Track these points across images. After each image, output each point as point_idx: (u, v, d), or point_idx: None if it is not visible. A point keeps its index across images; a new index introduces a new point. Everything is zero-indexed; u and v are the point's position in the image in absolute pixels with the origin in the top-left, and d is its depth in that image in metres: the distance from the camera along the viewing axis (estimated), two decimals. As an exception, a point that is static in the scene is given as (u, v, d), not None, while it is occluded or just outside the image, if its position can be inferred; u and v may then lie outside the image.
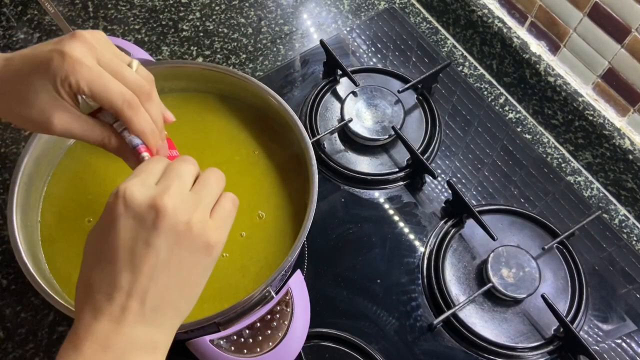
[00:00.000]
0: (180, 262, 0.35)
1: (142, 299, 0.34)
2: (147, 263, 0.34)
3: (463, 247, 0.67)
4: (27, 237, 0.52)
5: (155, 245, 0.34)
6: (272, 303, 0.52)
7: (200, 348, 0.51)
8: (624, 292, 0.65)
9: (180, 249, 0.35)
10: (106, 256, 0.34)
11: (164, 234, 0.34)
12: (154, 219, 0.34)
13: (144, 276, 0.34)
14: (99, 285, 0.34)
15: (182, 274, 0.36)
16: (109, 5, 0.86)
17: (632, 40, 0.63)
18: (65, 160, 0.60)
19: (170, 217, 0.34)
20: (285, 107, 0.59)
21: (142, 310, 0.34)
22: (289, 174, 0.60)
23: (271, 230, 0.57)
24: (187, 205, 0.35)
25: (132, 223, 0.34)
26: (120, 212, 0.34)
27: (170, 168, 0.37)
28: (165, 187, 0.35)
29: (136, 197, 0.34)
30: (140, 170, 0.37)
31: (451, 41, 0.86)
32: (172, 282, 0.35)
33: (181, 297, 0.36)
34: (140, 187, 0.35)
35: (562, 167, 0.75)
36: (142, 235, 0.34)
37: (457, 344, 0.62)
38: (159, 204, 0.34)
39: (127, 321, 0.34)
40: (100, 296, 0.34)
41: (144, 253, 0.34)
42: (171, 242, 0.34)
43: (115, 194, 0.35)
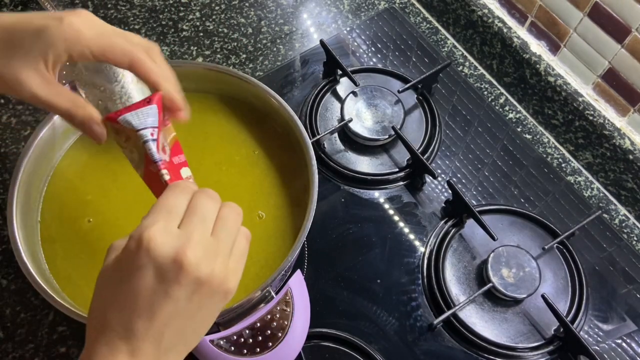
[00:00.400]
0: (199, 308, 0.36)
1: (157, 343, 0.35)
2: (165, 311, 0.34)
3: (463, 247, 0.67)
4: (27, 237, 0.52)
5: (175, 297, 0.34)
6: (272, 303, 0.52)
7: (200, 348, 0.51)
8: (624, 292, 0.65)
9: (199, 296, 0.35)
10: (124, 301, 0.34)
11: (184, 287, 0.34)
12: (177, 272, 0.34)
13: (161, 323, 0.34)
14: (116, 326, 0.34)
15: (198, 317, 0.36)
16: (109, 5, 0.86)
17: (632, 40, 0.63)
18: (65, 160, 0.60)
19: (193, 271, 0.34)
20: (285, 107, 0.59)
21: (156, 351, 0.35)
22: (289, 174, 0.60)
23: (271, 230, 0.57)
24: (209, 256, 0.35)
25: (153, 274, 0.34)
26: (142, 263, 0.33)
27: (194, 207, 0.36)
28: (189, 236, 0.35)
29: (160, 250, 0.33)
30: (162, 209, 0.36)
31: (451, 41, 0.86)
32: (187, 325, 0.36)
33: (194, 335, 0.37)
34: (164, 236, 0.34)
35: (562, 167, 0.75)
36: (162, 287, 0.34)
37: (457, 344, 0.62)
38: (182, 259, 0.34)
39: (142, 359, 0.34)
40: (116, 335, 0.34)
41: (163, 303, 0.34)
42: (191, 292, 0.34)
43: (138, 241, 0.34)
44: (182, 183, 0.39)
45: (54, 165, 0.59)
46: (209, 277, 0.35)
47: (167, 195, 0.37)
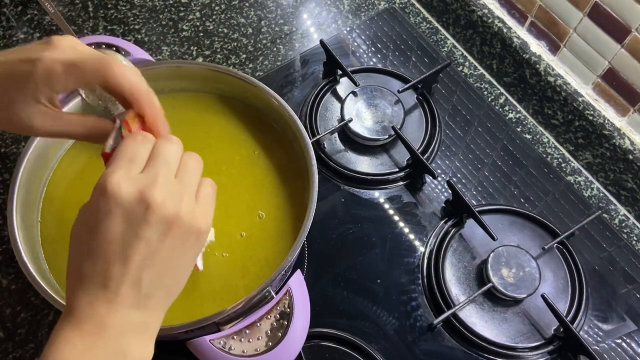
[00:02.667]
0: (172, 250, 0.36)
1: (135, 286, 0.35)
2: (139, 254, 0.34)
3: (463, 247, 0.67)
4: (27, 237, 0.52)
5: (145, 237, 0.34)
6: (272, 303, 0.52)
7: (200, 348, 0.51)
8: (624, 292, 0.65)
9: (171, 238, 0.35)
10: (96, 250, 0.34)
11: (154, 226, 0.34)
12: (144, 212, 0.34)
13: (136, 266, 0.35)
14: (92, 276, 0.34)
15: (174, 261, 0.36)
16: (109, 5, 0.86)
17: (632, 40, 0.63)
18: (65, 160, 0.60)
19: (160, 209, 0.34)
20: (285, 107, 0.59)
21: (136, 295, 0.35)
22: (289, 174, 0.60)
23: (271, 230, 0.57)
24: (174, 196, 0.35)
25: (121, 218, 0.34)
26: (108, 208, 0.34)
27: (156, 153, 0.37)
28: (153, 178, 0.35)
29: (124, 193, 0.34)
30: (124, 155, 0.36)
31: (451, 41, 0.86)
32: (164, 269, 0.36)
33: (173, 281, 0.37)
34: (126, 180, 0.34)
35: (562, 167, 0.75)
36: (132, 229, 0.34)
37: (457, 344, 0.62)
38: (148, 198, 0.34)
39: (121, 306, 0.35)
40: (93, 284, 0.34)
41: (135, 245, 0.34)
42: (162, 232, 0.35)
43: (101, 189, 0.34)
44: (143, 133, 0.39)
45: (54, 165, 0.59)
46: (177, 216, 0.35)
47: (128, 144, 0.37)
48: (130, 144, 0.37)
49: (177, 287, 0.38)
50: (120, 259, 0.34)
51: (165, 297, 0.37)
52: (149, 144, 0.38)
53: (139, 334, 0.36)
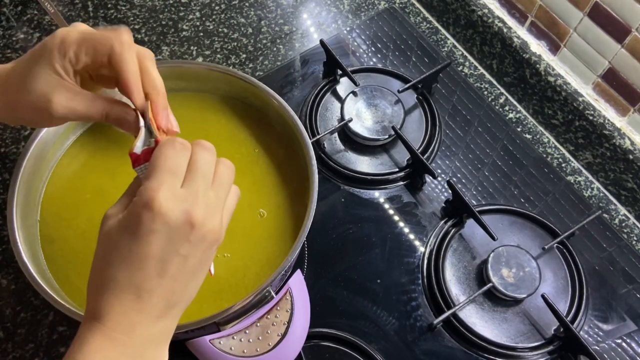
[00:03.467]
0: (201, 262, 0.37)
1: (167, 299, 0.36)
2: (175, 269, 0.36)
3: (463, 247, 0.67)
4: (27, 237, 0.52)
5: (184, 254, 0.36)
6: (272, 303, 0.52)
7: (200, 348, 0.51)
8: (624, 292, 0.65)
9: (202, 252, 0.37)
10: (135, 263, 0.35)
11: (193, 244, 0.36)
12: (188, 233, 0.35)
13: (171, 280, 0.36)
14: (127, 286, 0.35)
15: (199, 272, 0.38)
16: (109, 5, 0.86)
17: (632, 40, 0.63)
18: (64, 159, 0.60)
19: (201, 229, 0.36)
20: (285, 107, 0.59)
21: (165, 306, 0.36)
22: (289, 173, 0.60)
23: (272, 229, 0.57)
24: (211, 212, 0.37)
25: (165, 237, 0.35)
26: (154, 226, 0.34)
27: (195, 164, 0.37)
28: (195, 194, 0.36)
29: (170, 212, 0.34)
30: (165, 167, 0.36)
31: (451, 41, 0.86)
32: (191, 279, 0.37)
33: (194, 290, 0.39)
34: (173, 198, 0.35)
35: (562, 167, 0.75)
36: (173, 247, 0.35)
37: (457, 344, 0.62)
38: (193, 220, 0.35)
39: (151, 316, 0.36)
40: (127, 295, 0.35)
41: (173, 261, 0.36)
42: (197, 249, 0.36)
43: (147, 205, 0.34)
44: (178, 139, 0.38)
45: (53, 165, 0.59)
46: (212, 232, 0.37)
47: (167, 155, 0.37)
48: (170, 154, 0.37)
49: (195, 293, 0.39)
50: (157, 273, 0.35)
51: (185, 305, 0.39)
52: (187, 152, 0.38)
53: (159, 343, 0.37)
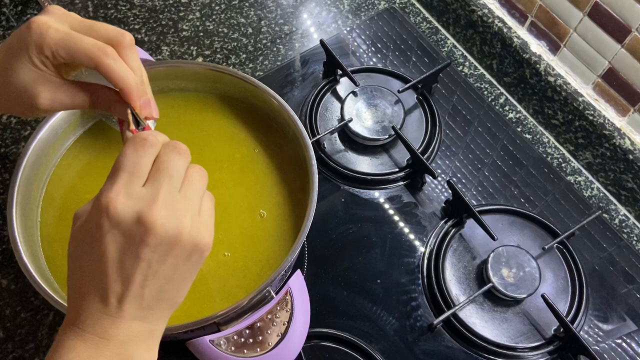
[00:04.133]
0: (174, 268, 0.35)
1: (137, 303, 0.35)
2: (139, 274, 0.34)
3: (463, 247, 0.67)
4: (27, 237, 0.52)
5: (145, 259, 0.34)
6: (272, 303, 0.52)
7: (200, 348, 0.51)
8: (624, 292, 0.65)
9: (173, 258, 0.35)
10: (97, 269, 0.34)
11: (154, 248, 0.33)
12: (142, 235, 0.33)
13: (137, 285, 0.34)
14: (93, 292, 0.34)
15: (177, 276, 0.36)
16: (108, 5, 0.86)
17: (632, 40, 0.63)
18: (64, 160, 0.60)
19: (159, 231, 0.33)
20: (285, 107, 0.59)
21: (138, 310, 0.35)
22: (289, 173, 0.60)
23: (272, 229, 0.57)
24: (176, 214, 0.34)
25: (119, 239, 0.33)
26: (105, 229, 0.33)
27: (160, 164, 0.35)
28: (153, 195, 0.33)
29: (121, 214, 0.33)
30: (124, 167, 0.34)
31: (451, 41, 0.86)
32: (166, 284, 0.35)
33: (176, 294, 0.37)
34: (125, 200, 0.33)
35: (562, 167, 0.75)
36: (131, 251, 0.33)
37: (457, 344, 0.62)
38: (146, 220, 0.33)
39: (125, 319, 0.35)
40: (94, 300, 0.34)
41: (135, 265, 0.34)
42: (162, 253, 0.34)
43: (98, 208, 0.33)
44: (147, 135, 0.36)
45: (53, 165, 0.59)
46: (178, 236, 0.34)
47: (126, 154, 0.35)
48: (129, 153, 0.35)
49: (180, 297, 0.38)
50: (120, 278, 0.34)
51: (168, 307, 0.37)
52: (153, 150, 0.35)
53: (143, 340, 0.36)
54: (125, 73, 0.40)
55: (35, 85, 0.40)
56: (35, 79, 0.40)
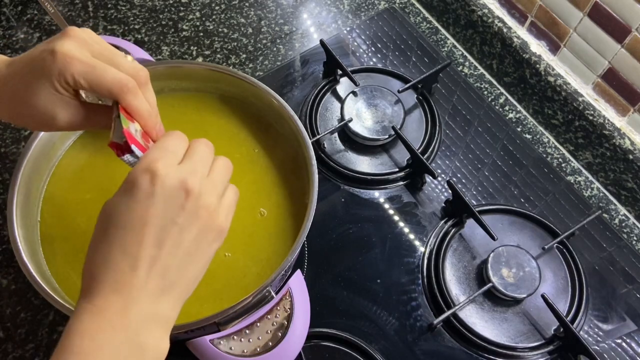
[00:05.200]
0: (197, 243, 0.37)
1: (163, 274, 0.36)
2: (172, 240, 0.36)
3: (463, 247, 0.67)
4: (27, 237, 0.52)
5: (180, 224, 0.36)
6: (272, 303, 0.52)
7: (200, 348, 0.51)
8: (624, 292, 0.65)
9: (199, 231, 0.37)
10: (133, 228, 0.35)
11: (189, 215, 0.36)
12: (183, 200, 0.36)
13: (167, 252, 0.36)
14: (122, 255, 0.35)
15: (197, 254, 0.38)
16: (108, 5, 0.86)
17: (632, 40, 0.63)
18: (64, 159, 0.60)
19: (196, 200, 0.36)
20: (285, 107, 0.59)
21: (161, 284, 0.36)
22: (289, 172, 0.60)
23: (272, 228, 0.57)
24: (208, 190, 0.38)
25: (163, 201, 0.35)
26: (151, 190, 0.35)
27: (193, 150, 0.39)
28: (193, 169, 0.37)
29: (169, 177, 0.36)
30: (164, 147, 0.38)
31: (451, 41, 0.86)
32: (187, 259, 0.37)
33: (193, 275, 0.38)
34: (170, 166, 0.36)
35: (562, 167, 0.75)
36: (169, 214, 0.36)
37: (457, 343, 0.62)
38: (189, 187, 0.36)
39: (146, 293, 0.35)
40: (122, 266, 0.35)
41: (169, 230, 0.36)
42: (193, 223, 0.37)
43: (147, 170, 0.36)
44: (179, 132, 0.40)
45: (53, 165, 0.59)
46: (208, 208, 0.37)
47: (166, 138, 0.39)
48: (169, 139, 0.39)
49: (195, 281, 0.39)
50: (154, 242, 0.35)
51: (185, 290, 0.38)
52: (186, 142, 0.40)
53: (157, 326, 0.36)
54: (143, 109, 0.43)
55: (54, 107, 0.41)
56: (54, 101, 0.41)
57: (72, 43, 0.40)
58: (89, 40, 0.41)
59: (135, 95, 0.42)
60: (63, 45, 0.39)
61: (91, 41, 0.41)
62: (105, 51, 0.42)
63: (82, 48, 0.40)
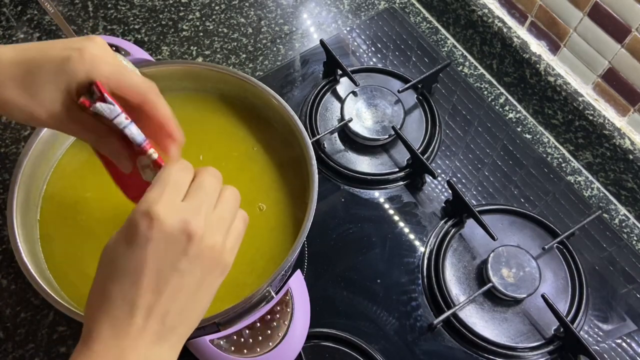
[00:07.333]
0: (200, 284, 0.36)
1: (161, 320, 0.35)
2: (171, 285, 0.34)
3: (463, 247, 0.67)
4: (27, 237, 0.52)
5: (181, 270, 0.34)
6: (272, 303, 0.52)
7: (200, 348, 0.51)
8: (624, 292, 0.65)
9: (201, 271, 0.36)
10: (130, 275, 0.34)
11: (192, 259, 0.35)
12: (185, 245, 0.34)
13: (167, 298, 0.34)
14: (120, 302, 0.34)
15: (199, 295, 0.36)
16: (108, 5, 0.86)
17: (632, 40, 0.63)
18: (64, 158, 0.60)
19: (200, 243, 0.35)
20: (285, 107, 0.59)
21: (160, 330, 0.35)
22: (288, 172, 0.60)
23: (273, 222, 0.57)
24: (213, 229, 0.36)
25: (162, 247, 0.34)
26: (150, 234, 0.33)
27: (198, 184, 0.37)
28: (196, 209, 0.35)
29: (169, 222, 0.34)
30: (166, 183, 0.36)
31: (451, 41, 0.86)
32: (189, 302, 0.36)
33: (195, 316, 0.37)
34: (171, 209, 0.34)
35: (562, 167, 0.75)
36: (170, 259, 0.34)
37: (457, 344, 0.62)
38: (191, 230, 0.34)
39: (144, 341, 0.34)
40: (120, 313, 0.34)
41: (169, 276, 0.34)
42: (196, 266, 0.35)
43: (146, 215, 0.34)
44: (184, 161, 0.39)
45: (54, 165, 0.59)
46: (212, 249, 0.35)
47: (171, 170, 0.37)
48: (174, 171, 0.37)
49: (197, 320, 0.38)
50: (152, 288, 0.34)
51: (186, 332, 0.37)
52: (191, 173, 0.38)
53: None
54: (166, 109, 0.43)
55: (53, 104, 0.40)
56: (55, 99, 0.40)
57: (99, 47, 0.40)
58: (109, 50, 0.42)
59: (159, 96, 0.42)
60: (92, 48, 0.39)
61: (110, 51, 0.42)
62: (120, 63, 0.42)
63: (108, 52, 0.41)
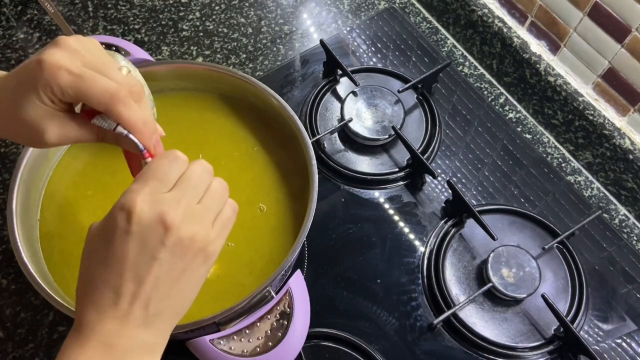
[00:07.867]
0: (182, 272, 0.36)
1: (145, 306, 0.35)
2: (152, 274, 0.35)
3: (463, 247, 0.67)
4: (26, 237, 0.52)
5: (160, 259, 0.35)
6: (272, 303, 0.52)
7: (200, 348, 0.51)
8: (624, 292, 0.65)
9: (182, 261, 0.36)
10: (111, 265, 0.35)
11: (169, 249, 0.35)
12: (162, 235, 0.35)
13: (148, 286, 0.35)
14: (104, 290, 0.35)
15: (182, 282, 0.37)
16: (108, 5, 0.86)
17: (632, 40, 0.63)
18: (64, 158, 0.60)
19: (176, 233, 0.35)
20: (285, 106, 0.59)
21: (144, 315, 0.35)
22: (288, 172, 0.60)
23: (273, 223, 0.57)
24: (193, 219, 0.36)
25: (138, 238, 0.34)
26: (127, 227, 0.34)
27: (186, 176, 0.37)
28: (177, 199, 0.35)
29: (145, 215, 0.34)
30: (154, 175, 0.36)
31: (451, 41, 0.86)
32: (173, 289, 0.36)
33: (180, 302, 0.38)
34: (149, 200, 0.35)
35: (562, 166, 0.75)
36: (148, 250, 0.35)
37: (457, 343, 0.62)
38: (167, 221, 0.34)
39: (130, 325, 0.35)
40: (104, 300, 0.35)
41: (149, 265, 0.35)
42: (175, 254, 0.35)
43: (122, 206, 0.35)
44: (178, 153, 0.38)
45: (53, 164, 0.59)
46: (191, 240, 0.36)
47: (159, 163, 0.37)
48: (161, 163, 0.37)
49: (184, 307, 0.38)
50: (134, 278, 0.35)
51: (172, 317, 0.37)
52: (182, 164, 0.38)
53: (145, 354, 0.36)
54: (136, 119, 0.40)
55: (43, 121, 0.39)
56: (42, 115, 0.39)
57: (61, 52, 0.38)
58: (81, 50, 0.39)
59: (127, 106, 0.39)
60: (51, 55, 0.37)
61: (83, 51, 0.39)
62: (98, 61, 0.39)
63: (73, 58, 0.38)
